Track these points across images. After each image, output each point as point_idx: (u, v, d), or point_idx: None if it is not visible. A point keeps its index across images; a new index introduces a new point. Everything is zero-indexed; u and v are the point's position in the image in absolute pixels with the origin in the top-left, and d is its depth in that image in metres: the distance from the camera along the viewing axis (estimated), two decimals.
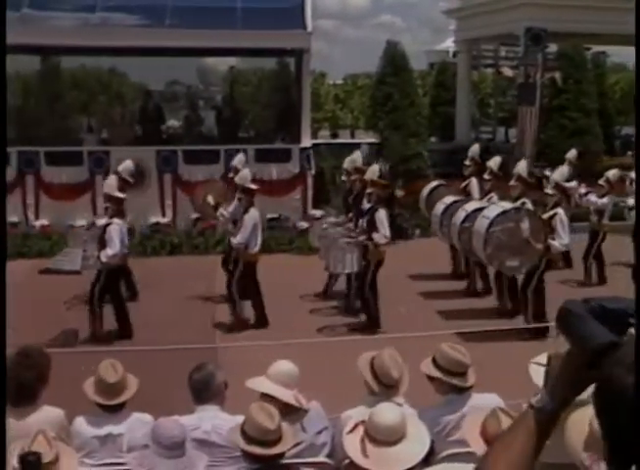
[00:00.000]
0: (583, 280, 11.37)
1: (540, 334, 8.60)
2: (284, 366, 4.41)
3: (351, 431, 3.69)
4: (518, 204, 9.34)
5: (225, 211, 9.69)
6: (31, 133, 15.88)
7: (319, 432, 4.43)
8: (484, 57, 23.23)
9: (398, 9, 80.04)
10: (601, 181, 11.33)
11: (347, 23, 74.95)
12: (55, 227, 12.95)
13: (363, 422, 3.65)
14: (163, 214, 13.97)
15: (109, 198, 9.13)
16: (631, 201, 10.57)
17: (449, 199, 10.50)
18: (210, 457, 4.24)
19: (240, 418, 4.30)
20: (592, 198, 11.32)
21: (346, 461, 4.47)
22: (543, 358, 4.53)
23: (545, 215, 9.05)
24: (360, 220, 9.46)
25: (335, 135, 21.86)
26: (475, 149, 12.03)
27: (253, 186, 9.32)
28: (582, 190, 11.68)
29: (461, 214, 9.59)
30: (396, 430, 3.55)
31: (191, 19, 14.28)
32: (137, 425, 4.35)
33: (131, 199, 13.17)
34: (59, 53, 16.60)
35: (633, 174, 12.25)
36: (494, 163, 10.70)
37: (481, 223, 8.82)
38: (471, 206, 9.66)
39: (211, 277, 11.53)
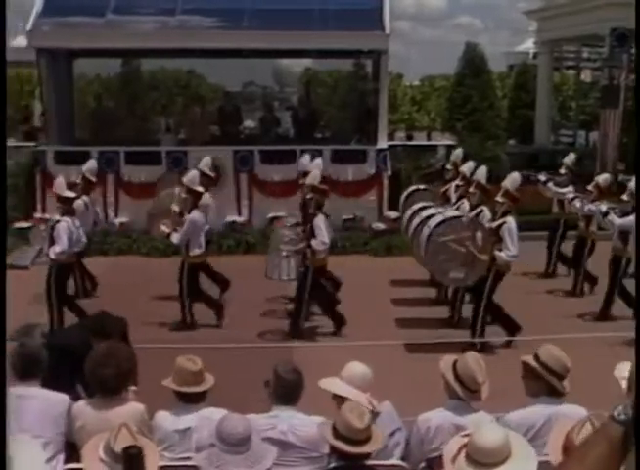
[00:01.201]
0: (571, 290, 11.01)
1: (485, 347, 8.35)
2: (357, 368, 4.38)
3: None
4: (457, 212, 9.00)
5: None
6: (112, 134, 16.20)
7: (392, 433, 4.38)
8: (566, 58, 22.75)
9: (476, 10, 79.37)
10: (590, 186, 10.59)
11: (424, 24, 74.65)
12: (134, 225, 13.13)
13: (465, 445, 3.54)
14: (239, 213, 14.07)
15: (58, 197, 9.28)
16: (604, 207, 9.95)
17: (417, 205, 10.08)
18: (286, 457, 4.23)
19: (317, 419, 4.33)
20: (578, 203, 10.63)
21: (422, 465, 4.38)
22: (625, 368, 4.43)
23: (494, 225, 8.60)
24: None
25: (410, 137, 21.67)
26: (457, 153, 11.83)
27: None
28: (570, 195, 11.01)
29: (416, 222, 9.32)
30: (498, 453, 3.42)
31: (268, 20, 14.35)
32: (207, 421, 4.31)
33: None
34: (139, 55, 16.91)
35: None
36: (467, 168, 10.23)
37: (424, 232, 8.58)
38: (426, 213, 9.30)
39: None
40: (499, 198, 8.74)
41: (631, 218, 9.31)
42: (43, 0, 14.41)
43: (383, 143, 14.34)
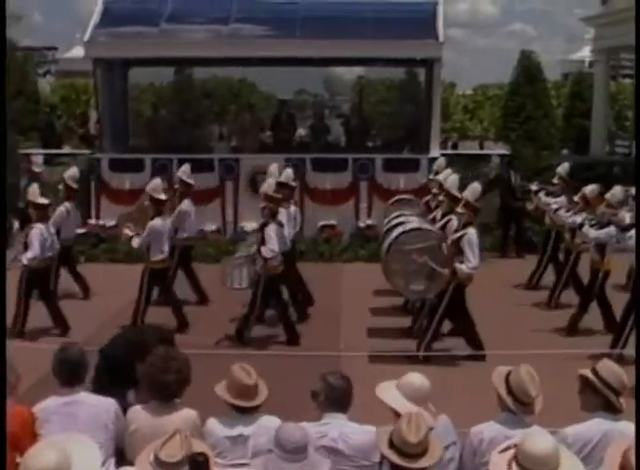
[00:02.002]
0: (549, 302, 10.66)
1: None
2: (415, 380, 4.29)
3: (503, 451, 3.62)
4: (415, 224, 8.75)
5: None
6: (165, 141, 16.38)
7: (446, 447, 4.28)
8: (623, 67, 22.34)
9: (530, 17, 78.58)
10: (576, 197, 10.18)
11: (477, 31, 74.25)
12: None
13: (516, 445, 3.56)
14: None
15: (31, 204, 9.41)
16: (579, 218, 9.49)
17: (394, 215, 9.92)
18: (336, 465, 4.20)
19: (368, 428, 4.30)
20: (562, 213, 10.28)
21: None
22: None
23: (455, 236, 8.35)
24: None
25: (455, 146, 21.49)
26: (440, 162, 11.66)
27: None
28: (554, 206, 10.63)
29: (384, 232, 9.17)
30: (549, 461, 3.40)
31: (321, 29, 14.40)
32: (264, 429, 4.35)
33: (260, 204, 13.46)
34: (192, 64, 17.10)
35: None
36: (444, 177, 9.90)
37: (385, 242, 8.42)
38: (392, 222, 9.14)
39: (336, 285, 11.54)
40: (459, 209, 8.57)
41: (607, 230, 9.02)
42: (100, 12, 14.68)
43: (435, 152, 14.23)
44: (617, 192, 9.45)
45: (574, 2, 67.99)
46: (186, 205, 10.57)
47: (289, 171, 10.56)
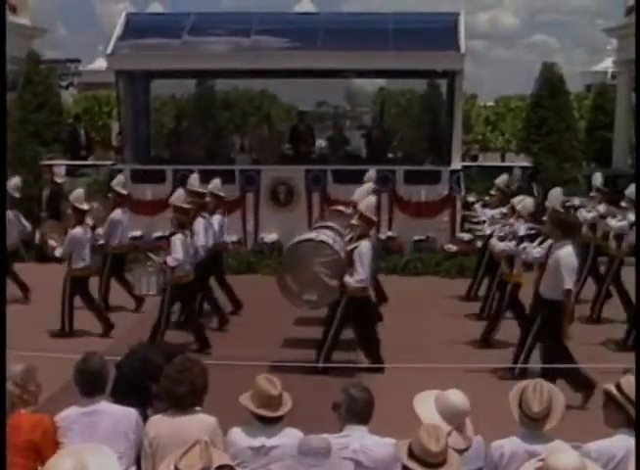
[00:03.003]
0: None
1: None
2: (452, 398, 4.24)
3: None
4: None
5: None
6: (187, 153, 16.46)
7: None
8: None
9: (552, 28, 77.97)
10: (504, 209, 10.09)
11: (498, 43, 73.77)
12: None
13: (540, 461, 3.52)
14: None
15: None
16: (489, 230, 9.51)
17: (318, 224, 10.01)
18: None
19: (389, 440, 4.29)
20: (486, 226, 10.27)
21: None
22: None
23: (348, 248, 8.29)
24: None
25: (475, 157, 21.38)
26: (371, 174, 11.63)
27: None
28: (482, 217, 10.52)
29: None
30: None
31: (342, 41, 14.41)
32: (286, 441, 4.37)
33: (280, 216, 13.49)
34: (214, 76, 17.19)
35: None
36: (359, 197, 9.62)
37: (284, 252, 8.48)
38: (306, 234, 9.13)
39: None
40: (354, 221, 8.59)
41: (507, 244, 8.91)
42: (123, 24, 14.80)
43: (456, 164, 14.18)
44: (527, 203, 9.31)
45: (596, 13, 67.65)
46: (117, 214, 10.86)
47: (216, 181, 10.88)
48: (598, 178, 11.58)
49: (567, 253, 7.47)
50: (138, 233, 13.38)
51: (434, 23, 15.35)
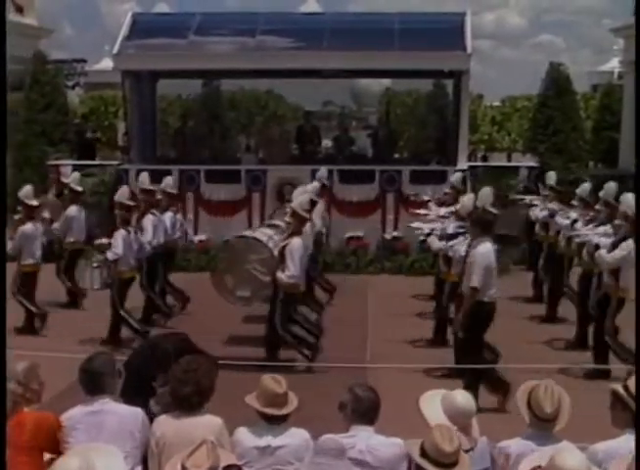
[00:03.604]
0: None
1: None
2: (459, 398, 4.26)
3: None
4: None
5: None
6: (193, 153, 16.48)
7: None
8: None
9: (558, 28, 77.75)
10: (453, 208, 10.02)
11: (504, 43, 73.61)
12: (213, 242, 13.26)
13: (540, 467, 3.54)
14: None
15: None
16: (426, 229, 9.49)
17: (268, 223, 10.22)
18: None
19: (395, 440, 4.27)
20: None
21: None
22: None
23: (280, 245, 8.39)
24: None
25: (485, 158, 21.38)
26: (322, 173, 11.77)
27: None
28: (431, 215, 10.35)
29: None
30: None
31: (348, 41, 14.42)
32: (295, 440, 4.39)
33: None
34: (220, 76, 17.20)
35: None
36: (297, 197, 9.64)
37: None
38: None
39: (363, 296, 11.51)
40: (288, 218, 8.77)
41: (443, 242, 8.95)
42: (129, 24, 14.82)
43: (463, 164, 14.15)
44: (466, 202, 9.24)
45: (603, 13, 67.52)
46: (73, 210, 11.02)
47: (169, 179, 11.13)
48: (552, 177, 11.56)
49: (482, 250, 7.43)
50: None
51: (440, 24, 15.35)
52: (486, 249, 7.42)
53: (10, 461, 3.91)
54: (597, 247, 8.58)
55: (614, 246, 8.26)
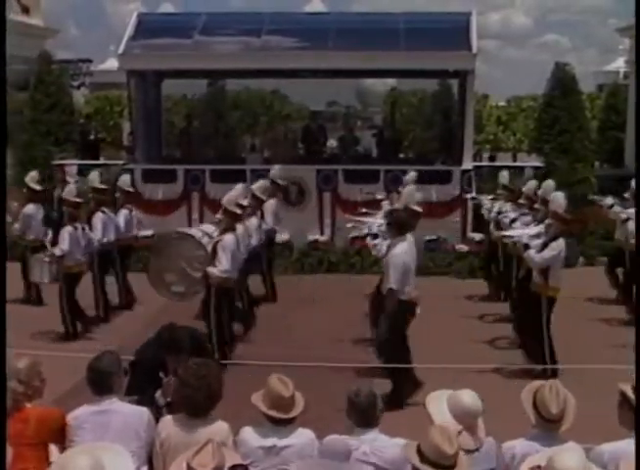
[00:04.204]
0: None
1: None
2: (465, 398, 4.24)
3: None
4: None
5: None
6: (198, 152, 16.49)
7: None
8: None
9: (563, 28, 77.75)
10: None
11: (509, 43, 73.68)
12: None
13: (539, 467, 3.52)
14: (322, 232, 14.06)
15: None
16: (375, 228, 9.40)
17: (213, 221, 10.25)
18: None
19: (399, 441, 4.26)
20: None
21: None
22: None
23: (213, 241, 8.49)
24: None
25: (492, 158, 21.34)
26: (276, 171, 11.83)
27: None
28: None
29: None
30: None
31: (353, 40, 14.39)
32: (301, 440, 4.39)
33: (291, 216, 13.48)
34: (226, 76, 17.20)
35: None
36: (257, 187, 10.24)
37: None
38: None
39: (367, 297, 11.47)
40: (219, 215, 8.96)
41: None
42: (134, 24, 14.83)
43: (468, 164, 14.13)
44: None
45: (608, 12, 67.48)
46: (30, 208, 11.12)
47: (125, 177, 11.33)
48: (505, 176, 11.56)
49: (397, 251, 7.47)
50: (149, 232, 13.41)
51: (445, 23, 15.31)
52: (402, 249, 7.47)
53: (15, 457, 3.91)
54: (526, 247, 8.58)
55: (544, 245, 8.24)
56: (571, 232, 13.26)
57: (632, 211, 10.64)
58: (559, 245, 8.18)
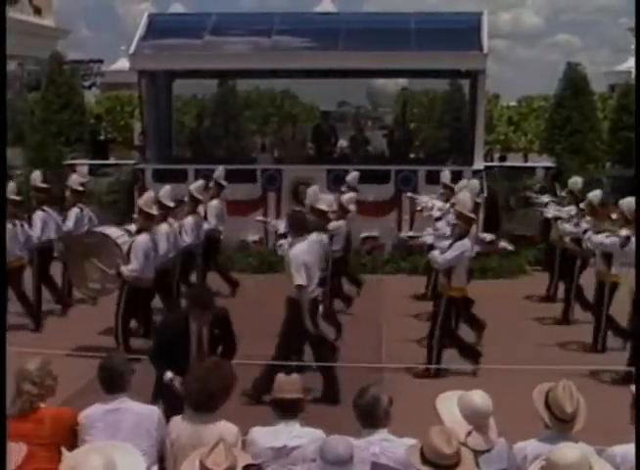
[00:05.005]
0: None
1: None
2: (475, 398, 4.22)
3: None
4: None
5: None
6: (208, 152, 16.50)
7: None
8: None
9: (575, 27, 77.44)
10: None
11: (520, 42, 73.50)
12: (228, 242, 13.24)
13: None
14: None
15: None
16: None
17: None
18: None
19: (408, 441, 4.24)
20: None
21: None
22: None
23: (130, 241, 8.76)
24: None
25: (503, 158, 21.24)
26: (220, 172, 12.10)
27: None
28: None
29: None
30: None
31: (363, 41, 14.38)
32: (311, 439, 4.38)
33: None
34: (237, 76, 17.22)
35: None
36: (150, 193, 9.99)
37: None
38: None
39: (378, 296, 11.47)
40: (135, 215, 9.30)
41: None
42: (145, 24, 14.87)
43: (479, 164, 14.09)
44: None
45: (620, 11, 67.13)
46: None
47: (75, 177, 11.41)
48: (446, 175, 11.58)
49: (294, 251, 7.54)
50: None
51: (456, 23, 15.27)
52: (299, 249, 7.56)
53: (28, 457, 3.93)
54: (431, 247, 8.62)
55: (450, 246, 8.26)
56: None
57: (567, 209, 10.60)
58: (463, 245, 8.19)
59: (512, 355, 8.27)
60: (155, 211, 9.04)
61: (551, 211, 10.94)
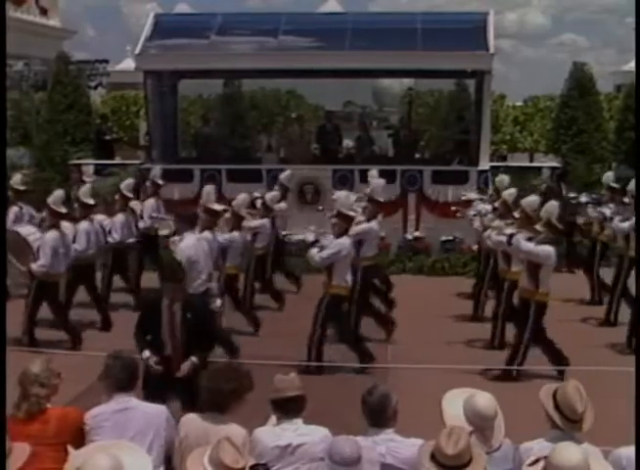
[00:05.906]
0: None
1: None
2: (480, 401, 4.20)
3: (532, 464, 3.61)
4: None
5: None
6: (214, 152, 16.50)
7: None
8: None
9: (581, 27, 77.13)
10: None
11: (526, 42, 73.34)
12: None
13: (546, 457, 3.53)
14: None
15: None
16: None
17: None
18: None
19: (416, 441, 4.25)
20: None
21: None
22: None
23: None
24: None
25: (504, 158, 21.17)
26: (156, 171, 12.50)
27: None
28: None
29: None
30: None
31: (369, 41, 14.40)
32: (315, 437, 4.38)
33: (308, 215, 13.49)
34: (242, 76, 17.21)
35: None
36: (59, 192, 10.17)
37: None
38: None
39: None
40: (44, 213, 9.68)
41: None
42: (151, 25, 14.89)
43: (485, 164, 14.07)
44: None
45: (626, 11, 66.82)
46: None
47: (17, 177, 11.66)
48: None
49: (181, 245, 8.09)
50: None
51: (462, 23, 15.27)
52: (186, 243, 8.07)
53: (33, 457, 3.94)
54: (311, 245, 8.70)
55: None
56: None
57: (487, 207, 10.57)
58: (340, 244, 8.30)
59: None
60: (62, 209, 9.28)
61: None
